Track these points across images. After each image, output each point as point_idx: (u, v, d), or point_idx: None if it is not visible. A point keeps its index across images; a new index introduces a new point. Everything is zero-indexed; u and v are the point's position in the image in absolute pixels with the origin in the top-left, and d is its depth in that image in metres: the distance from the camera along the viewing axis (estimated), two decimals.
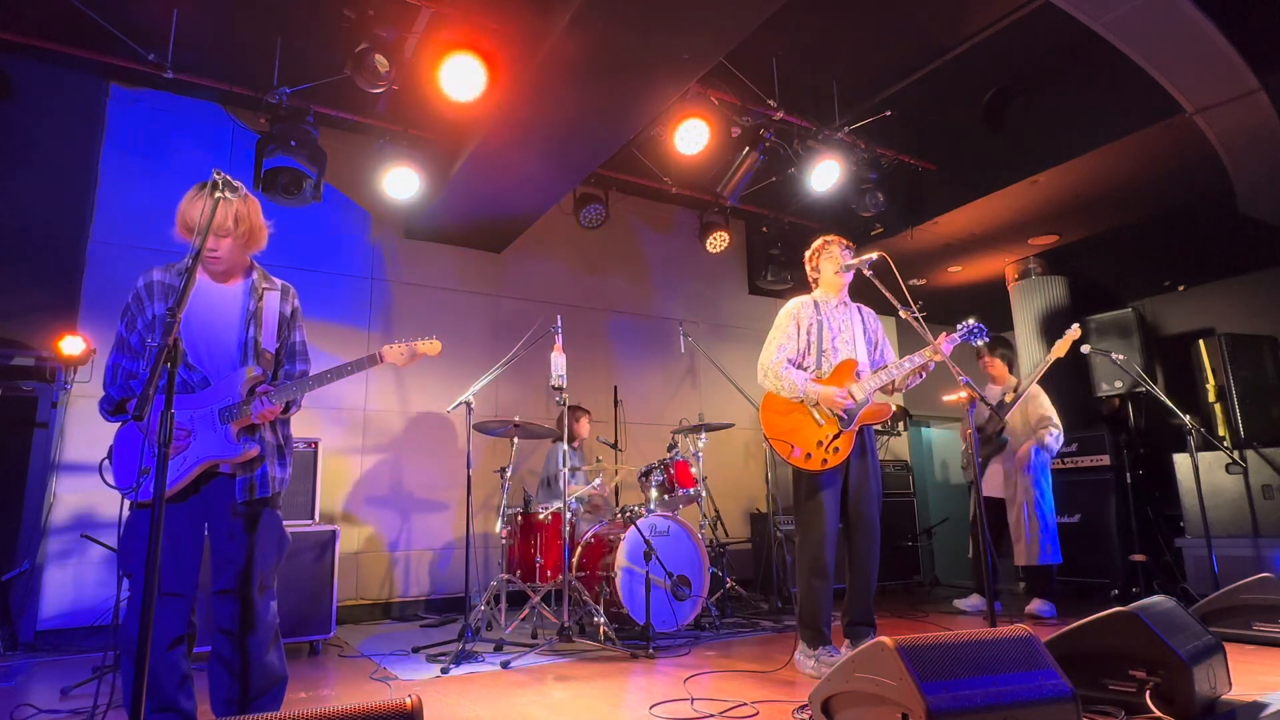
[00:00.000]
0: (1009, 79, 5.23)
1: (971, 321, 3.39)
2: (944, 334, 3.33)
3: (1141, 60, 4.15)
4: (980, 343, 3.45)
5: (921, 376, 3.46)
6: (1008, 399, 5.01)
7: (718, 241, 6.45)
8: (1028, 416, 4.99)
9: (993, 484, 5.08)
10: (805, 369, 3.43)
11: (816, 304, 3.54)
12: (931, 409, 8.41)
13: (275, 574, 2.29)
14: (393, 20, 4.05)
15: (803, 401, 3.35)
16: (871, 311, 3.70)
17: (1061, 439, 4.96)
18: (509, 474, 4.58)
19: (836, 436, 3.29)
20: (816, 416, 3.33)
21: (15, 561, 4.07)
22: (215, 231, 2.20)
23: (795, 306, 3.54)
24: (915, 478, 7.19)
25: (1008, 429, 5.03)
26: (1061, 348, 4.78)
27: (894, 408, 7.09)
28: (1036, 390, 4.99)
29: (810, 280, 3.69)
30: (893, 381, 3.44)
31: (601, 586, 4.20)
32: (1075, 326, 4.85)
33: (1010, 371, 5.23)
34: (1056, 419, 4.98)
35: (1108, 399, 6.68)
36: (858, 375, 3.42)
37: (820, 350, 3.44)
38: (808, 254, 3.67)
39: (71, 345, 4.33)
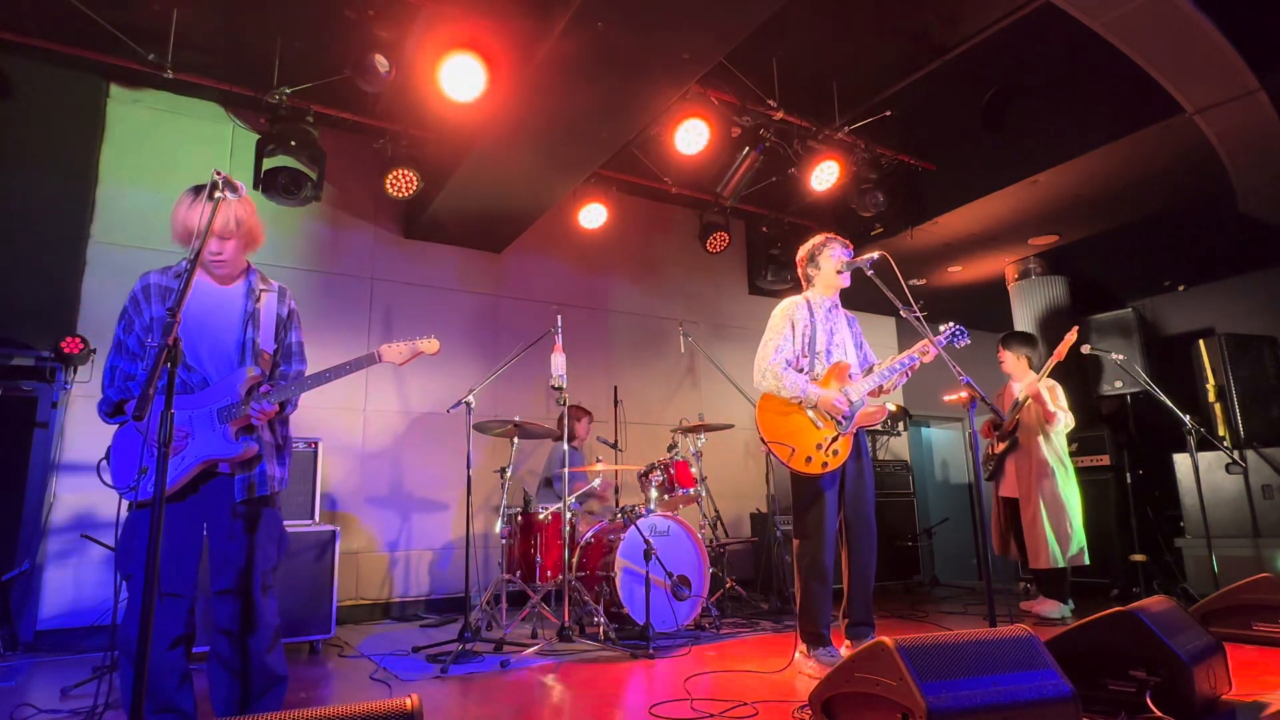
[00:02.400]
0: (1009, 79, 5.23)
1: (953, 325, 3.39)
2: (929, 338, 3.29)
3: (1141, 60, 4.15)
4: (963, 344, 3.42)
5: (906, 377, 3.47)
6: (1021, 397, 4.93)
7: (718, 241, 6.45)
8: (1041, 414, 4.90)
9: (1008, 483, 4.98)
10: (800, 371, 3.42)
11: (810, 305, 3.52)
12: (931, 409, 8.41)
13: (276, 574, 2.29)
14: (393, 20, 4.05)
15: (801, 404, 3.34)
16: (854, 315, 3.70)
17: (1063, 422, 4.76)
18: (509, 474, 4.58)
19: (835, 439, 3.29)
20: (814, 419, 3.32)
21: (15, 561, 4.07)
22: (220, 234, 2.19)
23: (789, 307, 3.51)
24: (915, 478, 7.19)
25: (1021, 427, 4.93)
26: (1061, 350, 4.77)
27: (892, 408, 7.11)
28: (1051, 386, 4.87)
29: (803, 279, 3.65)
30: (882, 384, 3.44)
31: (601, 586, 4.20)
32: (1074, 329, 4.83)
33: (1030, 368, 5.06)
34: (1064, 407, 4.82)
35: (1108, 399, 6.69)
36: (850, 378, 3.41)
37: (814, 352, 3.44)
38: (803, 251, 3.62)
39: (71, 345, 4.33)
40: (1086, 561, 4.69)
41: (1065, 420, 4.79)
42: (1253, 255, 6.81)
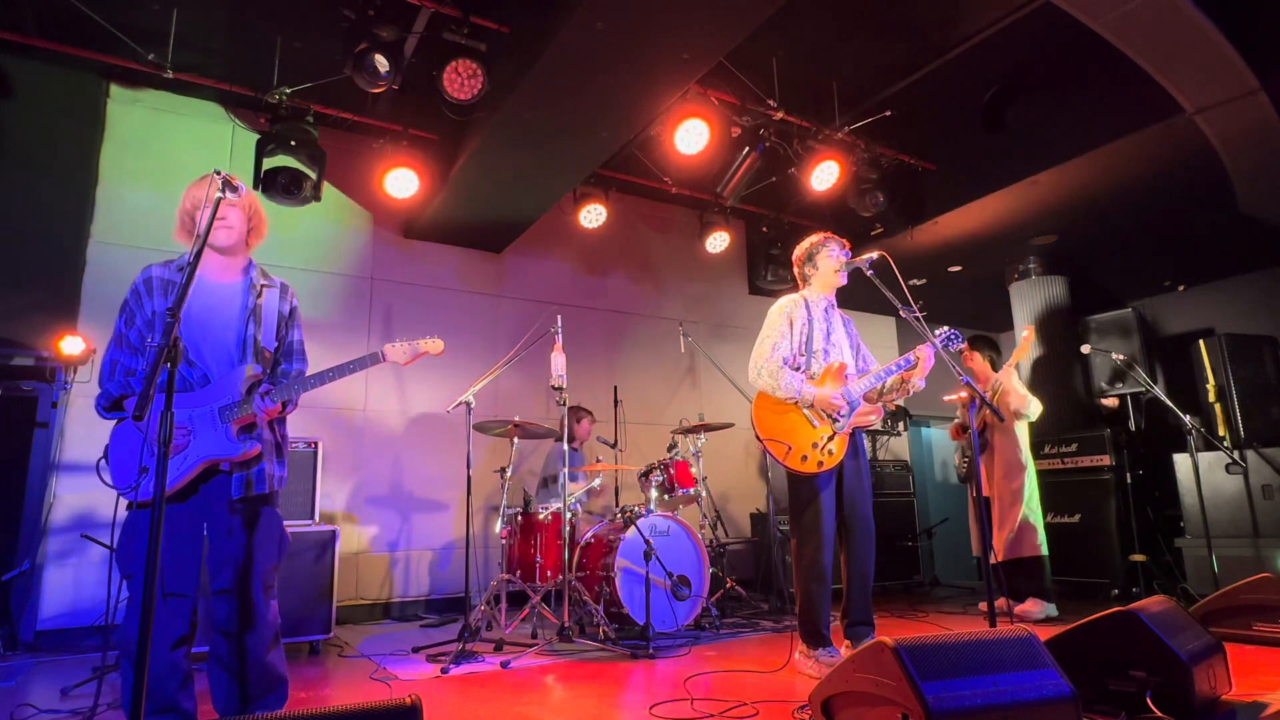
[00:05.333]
0: (1009, 79, 5.23)
1: (946, 328, 3.37)
2: (930, 337, 3.26)
3: (1141, 60, 4.15)
4: (957, 348, 3.41)
5: (908, 394, 3.46)
6: (993, 393, 4.91)
7: (718, 241, 6.45)
8: (1011, 407, 4.81)
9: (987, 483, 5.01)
10: (796, 369, 3.41)
11: (807, 304, 3.51)
12: (931, 409, 8.41)
13: (276, 573, 2.29)
14: (393, 20, 4.05)
15: (797, 403, 3.34)
16: (853, 317, 3.69)
17: (1032, 405, 4.72)
18: (509, 474, 4.58)
19: (831, 438, 3.28)
20: (810, 418, 3.31)
21: (15, 561, 4.07)
22: (226, 199, 2.16)
23: (788, 304, 3.50)
24: (915, 478, 7.19)
25: (988, 427, 4.91)
26: (1024, 348, 4.74)
27: (891, 408, 7.11)
28: (1009, 386, 4.82)
29: (800, 278, 3.63)
30: (880, 388, 3.43)
31: (601, 586, 4.20)
32: (1029, 327, 4.78)
33: (994, 370, 5.03)
34: (1028, 395, 4.79)
35: (1108, 399, 6.69)
36: (846, 378, 3.41)
37: (811, 351, 3.43)
38: (801, 250, 3.60)
39: (71, 345, 4.33)
40: (1044, 552, 4.64)
41: (1034, 405, 4.71)
42: (1253, 255, 6.81)
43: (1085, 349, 5.35)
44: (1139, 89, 4.41)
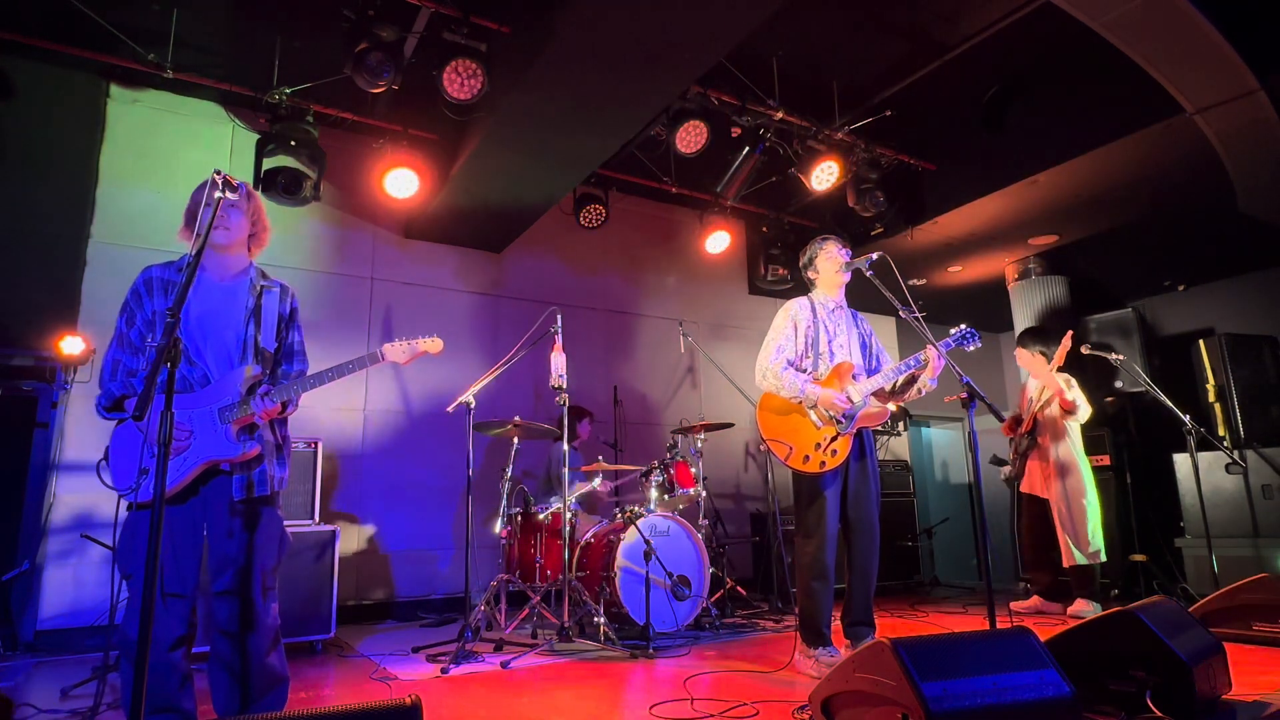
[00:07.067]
0: (1009, 79, 5.23)
1: (964, 326, 3.37)
2: (930, 341, 3.23)
3: (1141, 60, 4.15)
4: (974, 346, 3.41)
5: (920, 394, 3.45)
6: (1037, 394, 4.95)
7: (718, 241, 6.45)
8: (1058, 410, 4.87)
9: (1032, 481, 5.00)
10: (803, 371, 3.43)
11: (814, 306, 3.54)
12: (931, 409, 8.41)
13: (276, 574, 2.29)
14: (393, 20, 4.05)
15: (801, 403, 3.35)
16: (864, 316, 3.70)
17: (1084, 411, 4.81)
18: (509, 474, 4.58)
19: (835, 439, 3.29)
20: (814, 418, 3.32)
21: (15, 561, 4.07)
22: (228, 199, 2.14)
23: (793, 307, 3.54)
24: (915, 478, 7.19)
25: (1039, 426, 4.96)
26: (1060, 355, 4.77)
27: (892, 408, 7.11)
28: (1066, 379, 4.85)
29: (807, 282, 3.68)
30: (890, 387, 3.44)
31: (601, 586, 4.20)
32: (1069, 333, 4.82)
33: (1049, 363, 5.02)
34: (1082, 398, 4.85)
35: (1107, 399, 6.69)
36: (854, 378, 3.42)
37: (817, 352, 3.45)
38: (802, 258, 3.65)
39: (71, 345, 4.33)
40: (1103, 559, 4.71)
41: (1084, 409, 4.81)
42: (1253, 255, 6.81)
43: (1085, 349, 5.35)
44: (1139, 89, 4.41)
